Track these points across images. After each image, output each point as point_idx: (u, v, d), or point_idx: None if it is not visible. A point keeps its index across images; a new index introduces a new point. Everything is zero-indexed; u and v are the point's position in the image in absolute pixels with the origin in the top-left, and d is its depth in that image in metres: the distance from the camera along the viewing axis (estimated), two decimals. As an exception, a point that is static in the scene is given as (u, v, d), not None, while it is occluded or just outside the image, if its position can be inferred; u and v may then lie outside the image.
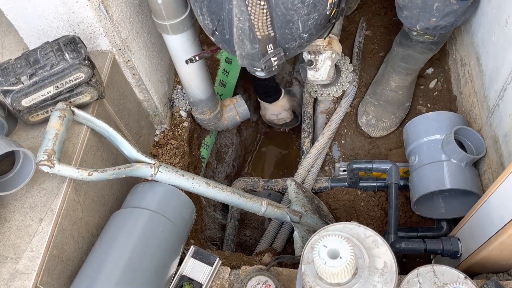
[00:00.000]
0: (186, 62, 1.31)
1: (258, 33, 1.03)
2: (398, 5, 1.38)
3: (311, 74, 1.47)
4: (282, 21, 1.03)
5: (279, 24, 1.03)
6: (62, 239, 1.01)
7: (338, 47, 1.46)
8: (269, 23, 1.02)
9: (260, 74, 1.14)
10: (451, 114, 1.46)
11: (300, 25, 1.05)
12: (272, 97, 1.86)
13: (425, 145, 1.43)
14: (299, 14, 1.02)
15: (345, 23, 1.97)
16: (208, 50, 1.34)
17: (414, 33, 1.45)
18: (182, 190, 1.21)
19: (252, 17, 1.00)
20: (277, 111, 1.91)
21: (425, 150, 1.42)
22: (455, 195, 1.43)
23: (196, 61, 1.31)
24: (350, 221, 0.90)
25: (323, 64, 1.44)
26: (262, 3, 0.98)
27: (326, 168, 1.74)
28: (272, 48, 1.07)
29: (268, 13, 1.00)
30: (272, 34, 1.04)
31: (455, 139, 1.33)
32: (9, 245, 0.97)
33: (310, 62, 1.45)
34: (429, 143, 1.42)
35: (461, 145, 1.38)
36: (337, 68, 1.60)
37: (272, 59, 1.08)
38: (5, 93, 1.03)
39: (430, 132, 1.43)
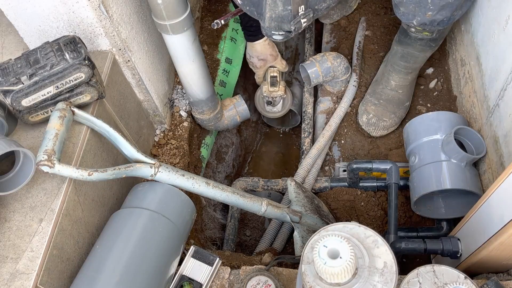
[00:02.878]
0: (213, 25, 1.34)
1: None
2: (394, 2, 1.40)
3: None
4: None
5: None
6: (62, 239, 1.01)
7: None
8: None
9: (278, 37, 1.16)
10: (451, 114, 1.46)
11: None
12: (251, 36, 1.67)
13: (425, 145, 1.43)
14: None
15: (345, 23, 1.97)
16: (231, 13, 1.35)
17: (413, 29, 1.46)
18: (182, 190, 1.21)
19: None
20: (251, 53, 1.73)
21: (425, 150, 1.42)
22: (455, 195, 1.43)
23: (221, 24, 1.33)
24: (350, 221, 0.90)
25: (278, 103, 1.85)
26: None
27: (326, 168, 1.74)
28: (303, 10, 1.09)
29: None
30: None
31: (455, 139, 1.33)
32: (9, 245, 0.97)
33: (269, 102, 1.85)
34: (429, 143, 1.42)
35: (461, 145, 1.38)
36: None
37: (302, 20, 1.11)
38: (5, 93, 1.03)
39: (430, 132, 1.43)
